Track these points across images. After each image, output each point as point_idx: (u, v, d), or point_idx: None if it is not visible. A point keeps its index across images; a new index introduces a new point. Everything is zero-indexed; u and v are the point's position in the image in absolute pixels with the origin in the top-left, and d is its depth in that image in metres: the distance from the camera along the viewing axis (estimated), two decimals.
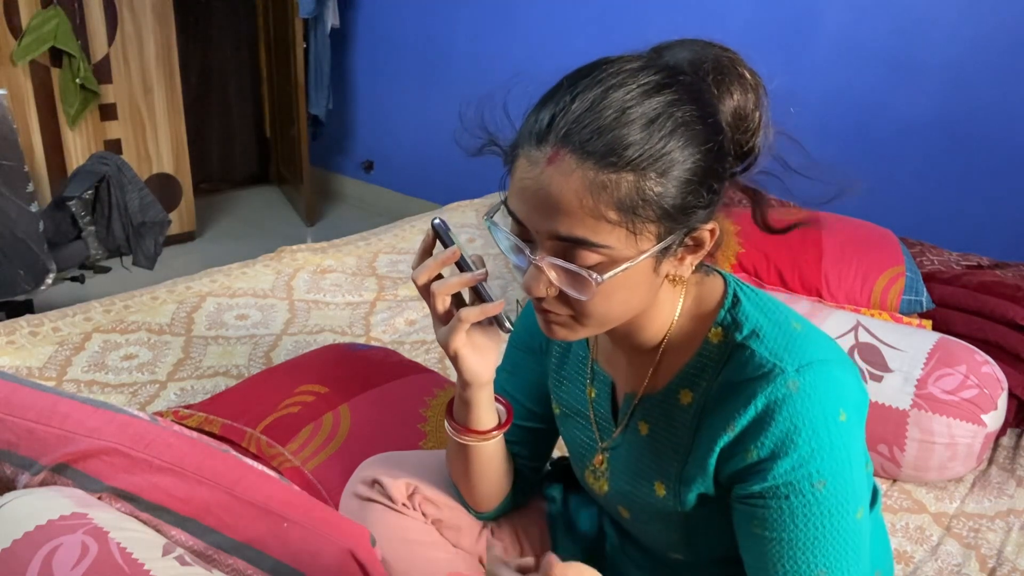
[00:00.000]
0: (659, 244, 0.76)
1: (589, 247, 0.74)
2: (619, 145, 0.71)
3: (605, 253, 0.74)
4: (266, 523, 0.90)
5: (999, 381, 1.55)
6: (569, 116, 0.73)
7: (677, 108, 0.73)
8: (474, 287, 0.86)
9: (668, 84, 0.74)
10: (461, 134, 0.85)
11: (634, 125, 0.72)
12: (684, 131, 0.73)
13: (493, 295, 0.86)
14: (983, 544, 1.41)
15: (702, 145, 0.74)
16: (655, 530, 0.98)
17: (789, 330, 0.82)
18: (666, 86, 0.74)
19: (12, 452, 0.93)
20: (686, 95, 0.75)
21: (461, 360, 0.89)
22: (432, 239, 0.87)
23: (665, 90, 0.74)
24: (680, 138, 0.73)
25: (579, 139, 0.72)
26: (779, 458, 0.77)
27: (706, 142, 0.75)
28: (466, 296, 0.89)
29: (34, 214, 2.41)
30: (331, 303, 2.05)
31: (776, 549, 0.79)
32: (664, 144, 0.72)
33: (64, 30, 3.06)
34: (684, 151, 0.73)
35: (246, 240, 3.76)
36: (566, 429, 1.04)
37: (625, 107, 0.72)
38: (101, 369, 1.69)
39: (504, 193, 0.80)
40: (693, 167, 0.74)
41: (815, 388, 0.77)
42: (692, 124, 0.74)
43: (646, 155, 0.72)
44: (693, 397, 0.86)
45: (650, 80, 0.74)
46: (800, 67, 2.71)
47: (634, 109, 0.72)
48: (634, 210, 0.72)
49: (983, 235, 2.48)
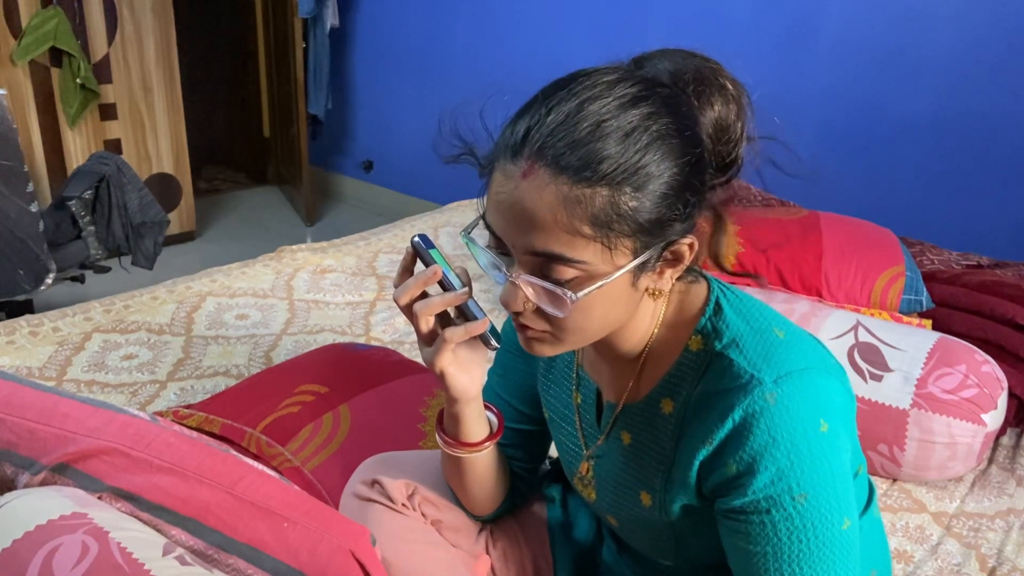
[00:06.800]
0: (636, 259, 0.75)
1: (564, 262, 0.73)
2: (594, 159, 0.70)
3: (581, 268, 0.74)
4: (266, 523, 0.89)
5: (999, 380, 1.55)
6: (544, 129, 0.72)
7: (654, 121, 0.72)
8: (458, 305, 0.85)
9: (645, 96, 0.73)
10: (439, 143, 0.83)
11: (609, 139, 0.71)
12: (661, 144, 0.72)
13: (478, 312, 0.85)
14: (983, 543, 1.41)
15: (679, 158, 0.73)
16: (644, 538, 0.97)
17: (770, 338, 0.80)
18: (643, 98, 0.73)
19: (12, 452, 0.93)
20: (663, 107, 0.74)
21: (448, 379, 0.88)
22: (412, 257, 0.86)
23: (642, 103, 0.73)
24: (656, 152, 0.72)
25: (553, 153, 0.71)
26: (758, 472, 0.76)
27: (683, 155, 0.74)
28: (451, 310, 0.87)
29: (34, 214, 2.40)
30: (331, 303, 2.05)
31: (762, 563, 0.78)
32: (640, 158, 0.71)
33: (64, 30, 3.06)
34: (660, 165, 0.72)
35: (246, 240, 3.76)
36: (555, 434, 1.04)
37: (601, 120, 0.71)
38: (101, 369, 1.68)
39: (482, 206, 0.79)
40: (670, 181, 0.73)
41: (793, 399, 0.76)
42: (669, 137, 0.73)
43: (621, 169, 0.71)
44: (674, 406, 0.85)
45: (627, 93, 0.73)
46: (800, 67, 2.71)
47: (610, 122, 0.71)
48: (609, 225, 0.71)
49: (983, 235, 2.48)
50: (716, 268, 0.88)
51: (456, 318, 0.87)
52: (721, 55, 0.85)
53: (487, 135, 0.81)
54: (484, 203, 0.79)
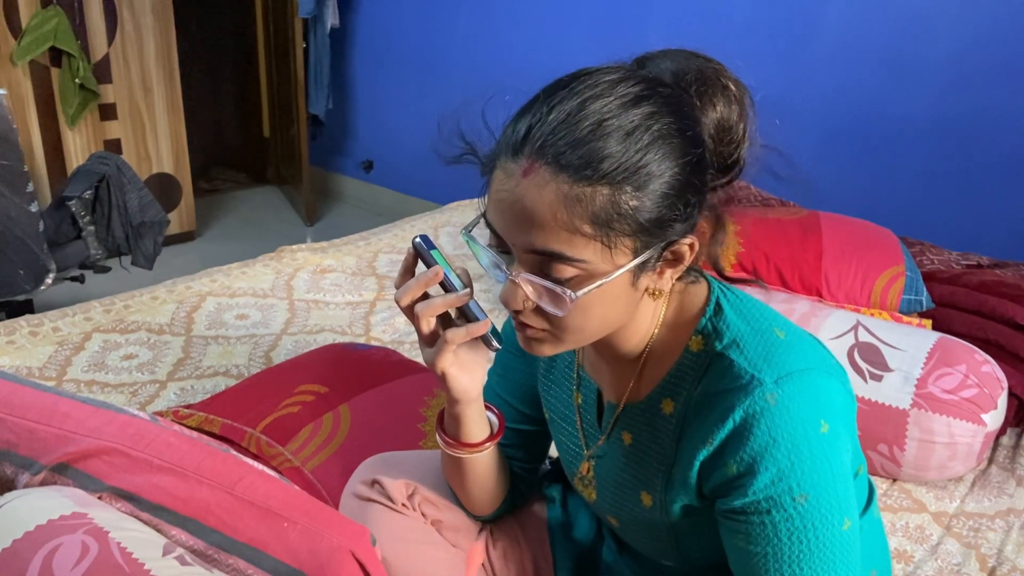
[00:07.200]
0: (636, 259, 0.75)
1: (564, 261, 0.73)
2: (594, 158, 0.70)
3: (581, 267, 0.74)
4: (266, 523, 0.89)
5: (999, 380, 1.55)
6: (545, 128, 0.72)
7: (655, 121, 0.72)
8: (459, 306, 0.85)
9: (647, 96, 0.73)
10: (439, 144, 0.83)
11: (611, 138, 0.71)
12: (662, 144, 0.72)
13: (479, 313, 0.85)
14: (983, 543, 1.41)
15: (680, 158, 0.73)
16: (644, 539, 0.97)
17: (771, 338, 0.80)
18: (645, 98, 0.73)
19: (12, 452, 0.93)
20: (665, 107, 0.74)
21: (449, 379, 0.88)
22: (413, 258, 0.86)
23: (644, 102, 0.73)
24: (658, 151, 0.72)
25: (554, 151, 0.71)
26: (758, 473, 0.76)
27: (684, 155, 0.74)
28: (452, 311, 0.87)
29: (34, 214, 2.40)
30: (331, 303, 2.05)
31: (762, 563, 0.78)
32: (641, 157, 0.71)
33: (64, 30, 3.06)
34: (661, 164, 0.72)
35: (246, 240, 3.76)
36: (555, 434, 1.04)
37: (602, 119, 0.71)
38: (101, 369, 1.68)
39: (483, 204, 0.79)
40: (671, 180, 0.73)
41: (794, 400, 0.76)
42: (670, 137, 0.73)
43: (622, 168, 0.71)
44: (675, 407, 0.85)
45: (629, 92, 0.73)
46: (800, 67, 2.71)
47: (611, 121, 0.71)
48: (609, 224, 0.71)
49: (983, 235, 2.48)
50: (714, 272, 0.88)
51: (457, 319, 0.87)
52: (721, 55, 0.85)
53: (488, 135, 0.81)
54: (485, 202, 0.79)
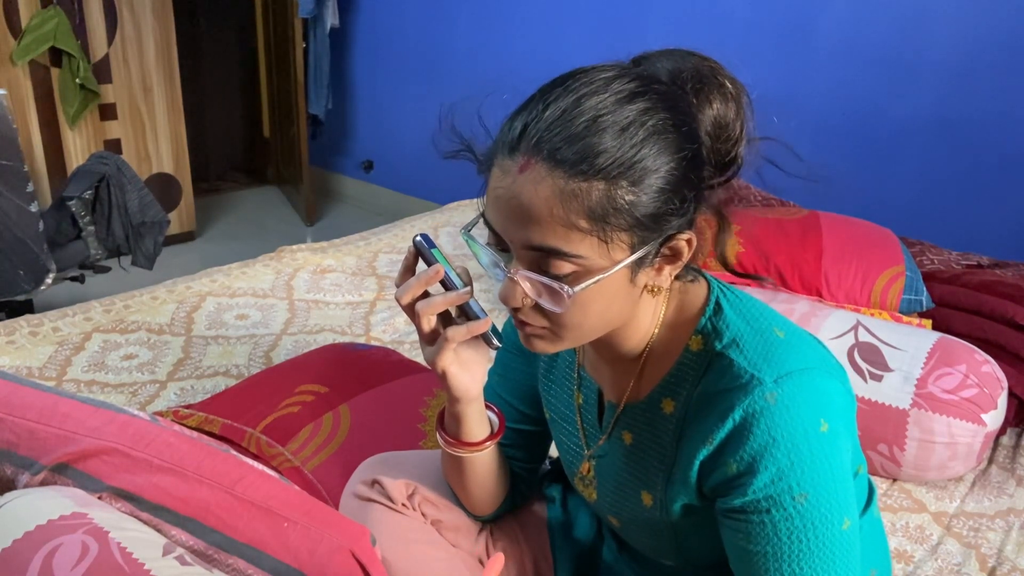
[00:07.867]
0: (634, 254, 0.75)
1: (561, 256, 0.73)
2: (590, 153, 0.71)
3: (578, 263, 0.74)
4: (266, 523, 0.90)
5: (999, 380, 1.55)
6: (541, 124, 0.72)
7: (651, 116, 0.73)
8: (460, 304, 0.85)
9: (642, 92, 0.74)
10: (439, 138, 0.84)
11: (606, 133, 0.71)
12: (657, 139, 0.72)
13: (479, 312, 0.85)
14: (983, 543, 1.41)
15: (676, 153, 0.74)
16: (644, 538, 0.97)
17: (771, 338, 0.80)
18: (640, 94, 0.73)
19: (12, 452, 0.93)
20: (661, 103, 0.74)
21: (450, 378, 0.89)
22: (414, 257, 0.86)
23: (639, 98, 0.73)
24: (653, 146, 0.72)
25: (550, 147, 0.71)
26: (758, 472, 0.76)
27: (680, 150, 0.74)
28: (452, 310, 0.88)
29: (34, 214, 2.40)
30: (331, 303, 2.05)
31: (762, 563, 0.79)
32: (636, 152, 0.71)
33: (64, 30, 3.06)
34: (657, 159, 0.72)
35: (246, 240, 3.76)
36: (556, 434, 1.04)
37: (598, 115, 0.72)
38: (101, 369, 1.68)
39: (482, 203, 0.79)
40: (667, 175, 0.73)
41: (794, 399, 0.76)
42: (666, 132, 0.73)
43: (617, 163, 0.71)
44: (675, 406, 0.85)
45: (624, 88, 0.73)
46: (800, 67, 2.71)
47: (606, 117, 0.72)
48: (605, 219, 0.72)
49: (983, 235, 2.48)
50: (722, 268, 0.88)
51: (458, 317, 0.87)
52: (721, 55, 0.85)
53: (486, 134, 0.81)
54: (484, 201, 0.79)
